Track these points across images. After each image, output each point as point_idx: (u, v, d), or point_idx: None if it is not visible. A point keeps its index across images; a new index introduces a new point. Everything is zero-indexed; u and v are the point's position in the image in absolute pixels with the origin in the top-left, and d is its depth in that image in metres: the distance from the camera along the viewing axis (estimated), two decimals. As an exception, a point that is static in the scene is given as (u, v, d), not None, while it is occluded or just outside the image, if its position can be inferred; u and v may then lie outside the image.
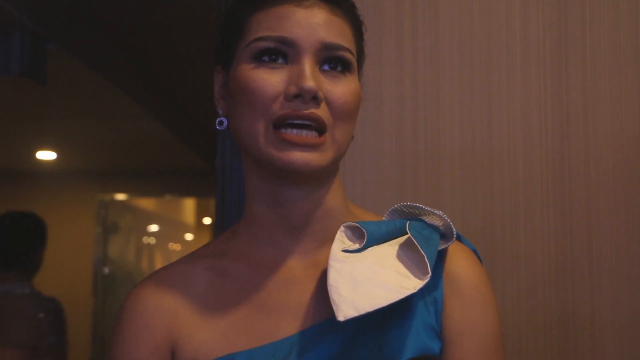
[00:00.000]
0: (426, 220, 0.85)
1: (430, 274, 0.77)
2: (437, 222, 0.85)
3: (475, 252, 0.89)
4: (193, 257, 0.90)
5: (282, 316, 0.81)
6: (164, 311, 0.84)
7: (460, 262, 0.84)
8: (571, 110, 1.27)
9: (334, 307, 0.74)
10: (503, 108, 1.28)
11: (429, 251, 0.79)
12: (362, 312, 0.73)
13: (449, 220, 0.83)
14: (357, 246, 0.81)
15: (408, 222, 0.83)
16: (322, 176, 0.83)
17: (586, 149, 1.25)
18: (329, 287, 0.76)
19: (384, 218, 0.88)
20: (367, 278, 0.77)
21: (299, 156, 0.77)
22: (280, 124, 0.77)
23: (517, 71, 1.29)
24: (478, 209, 1.27)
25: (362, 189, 1.31)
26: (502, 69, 1.29)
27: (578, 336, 1.22)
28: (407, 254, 0.81)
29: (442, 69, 1.31)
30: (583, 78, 1.27)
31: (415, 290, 0.76)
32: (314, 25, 0.79)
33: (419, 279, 0.77)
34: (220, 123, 0.86)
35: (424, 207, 0.86)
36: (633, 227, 1.23)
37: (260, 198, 0.85)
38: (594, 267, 1.24)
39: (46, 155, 5.62)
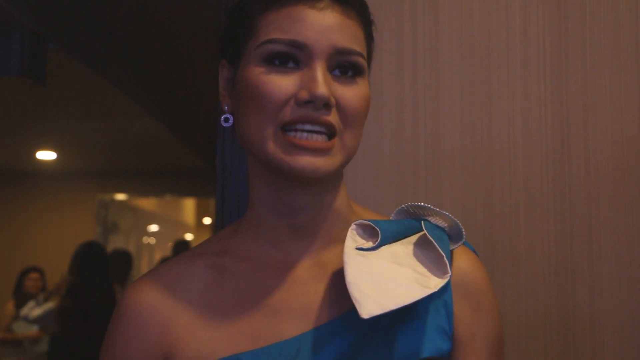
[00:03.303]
0: (431, 220, 0.85)
1: (450, 274, 0.77)
2: (442, 223, 0.84)
3: (475, 253, 0.88)
4: (193, 254, 0.88)
5: (285, 317, 0.80)
6: (160, 311, 0.83)
7: (466, 264, 0.84)
8: (571, 110, 1.27)
9: (356, 304, 0.72)
10: (503, 108, 1.28)
11: (445, 251, 0.79)
12: (387, 309, 0.72)
13: (457, 221, 0.83)
14: (370, 244, 0.80)
15: (423, 222, 0.83)
16: (328, 180, 0.82)
17: (586, 149, 1.25)
18: (348, 285, 0.74)
19: (391, 218, 0.88)
20: (386, 276, 0.76)
21: (308, 161, 0.76)
22: (289, 127, 0.76)
23: (517, 71, 1.29)
24: (478, 209, 1.27)
25: (363, 189, 1.31)
26: (502, 69, 1.29)
27: (578, 336, 1.22)
28: (423, 253, 0.80)
29: (442, 69, 1.31)
30: (583, 78, 1.27)
31: (436, 289, 0.75)
32: (327, 29, 0.77)
33: (438, 277, 0.77)
34: (226, 120, 0.84)
35: (430, 207, 0.85)
36: (633, 227, 1.23)
37: (264, 199, 0.84)
38: (594, 267, 1.23)
39: (46, 155, 5.63)
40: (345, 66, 0.79)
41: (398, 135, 1.31)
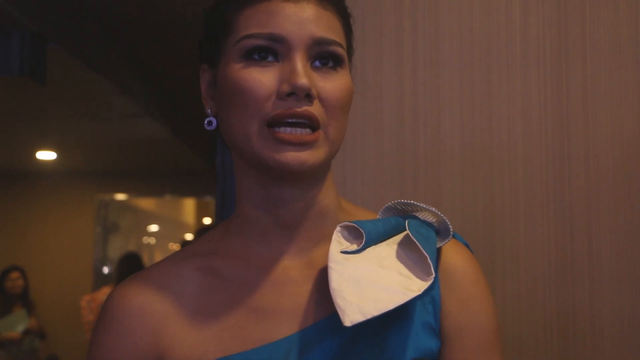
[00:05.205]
0: (420, 217, 0.84)
1: (434, 275, 0.76)
2: (430, 219, 0.84)
3: (467, 245, 0.88)
4: (182, 255, 0.87)
5: (277, 318, 0.80)
6: (150, 314, 0.81)
7: (455, 257, 0.83)
8: (571, 110, 1.27)
9: (340, 312, 0.72)
10: (503, 108, 1.28)
11: (429, 250, 0.78)
12: (369, 316, 0.72)
13: (443, 217, 0.82)
14: (355, 247, 0.80)
15: (407, 221, 0.83)
16: (316, 175, 0.82)
17: (586, 149, 1.26)
18: (332, 292, 0.74)
19: (378, 216, 0.87)
20: (370, 281, 0.76)
21: (293, 156, 0.75)
22: (274, 123, 0.76)
23: (517, 71, 1.29)
24: (478, 209, 1.27)
25: (362, 189, 1.31)
26: (502, 69, 1.29)
27: (578, 336, 1.22)
28: (407, 254, 0.80)
29: (442, 69, 1.31)
30: (583, 78, 1.27)
31: (420, 292, 0.74)
32: (304, 20, 0.77)
33: (422, 280, 0.76)
34: (210, 123, 0.84)
35: (417, 203, 0.85)
36: (633, 227, 1.23)
37: (252, 198, 0.83)
38: (594, 267, 1.24)
39: (46, 155, 5.63)
40: (325, 57, 0.79)
41: (398, 135, 1.31)
